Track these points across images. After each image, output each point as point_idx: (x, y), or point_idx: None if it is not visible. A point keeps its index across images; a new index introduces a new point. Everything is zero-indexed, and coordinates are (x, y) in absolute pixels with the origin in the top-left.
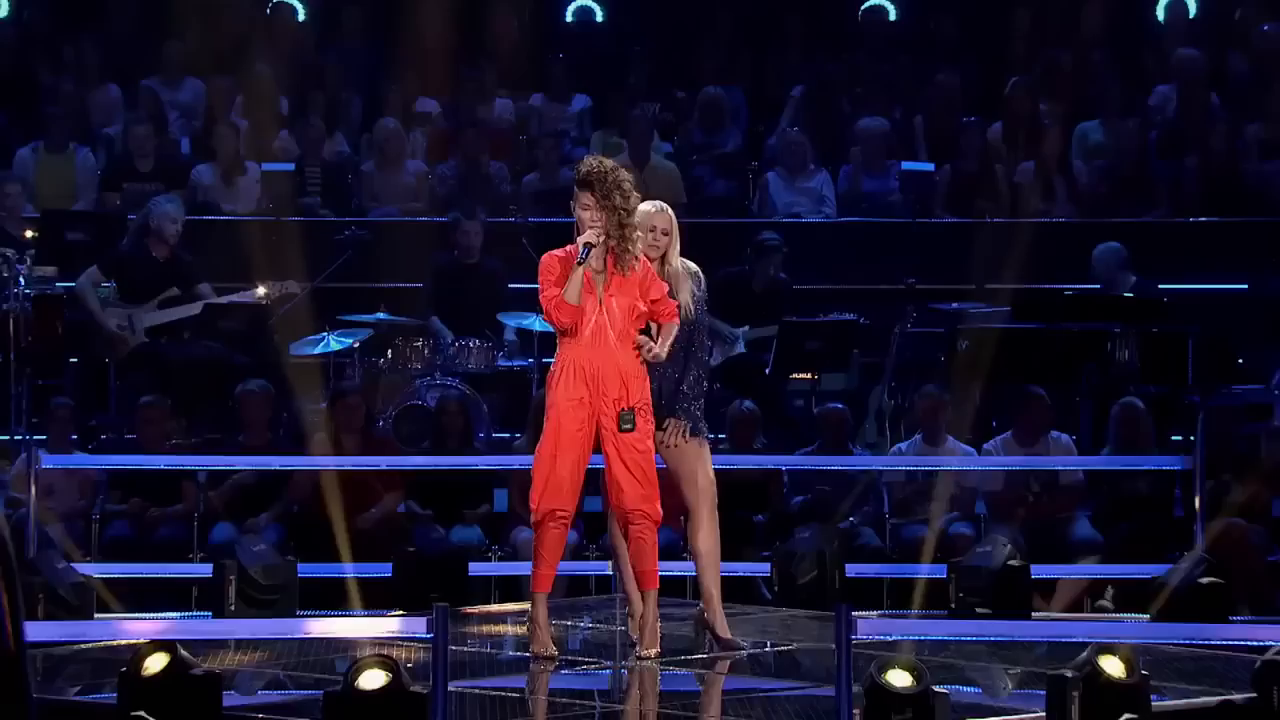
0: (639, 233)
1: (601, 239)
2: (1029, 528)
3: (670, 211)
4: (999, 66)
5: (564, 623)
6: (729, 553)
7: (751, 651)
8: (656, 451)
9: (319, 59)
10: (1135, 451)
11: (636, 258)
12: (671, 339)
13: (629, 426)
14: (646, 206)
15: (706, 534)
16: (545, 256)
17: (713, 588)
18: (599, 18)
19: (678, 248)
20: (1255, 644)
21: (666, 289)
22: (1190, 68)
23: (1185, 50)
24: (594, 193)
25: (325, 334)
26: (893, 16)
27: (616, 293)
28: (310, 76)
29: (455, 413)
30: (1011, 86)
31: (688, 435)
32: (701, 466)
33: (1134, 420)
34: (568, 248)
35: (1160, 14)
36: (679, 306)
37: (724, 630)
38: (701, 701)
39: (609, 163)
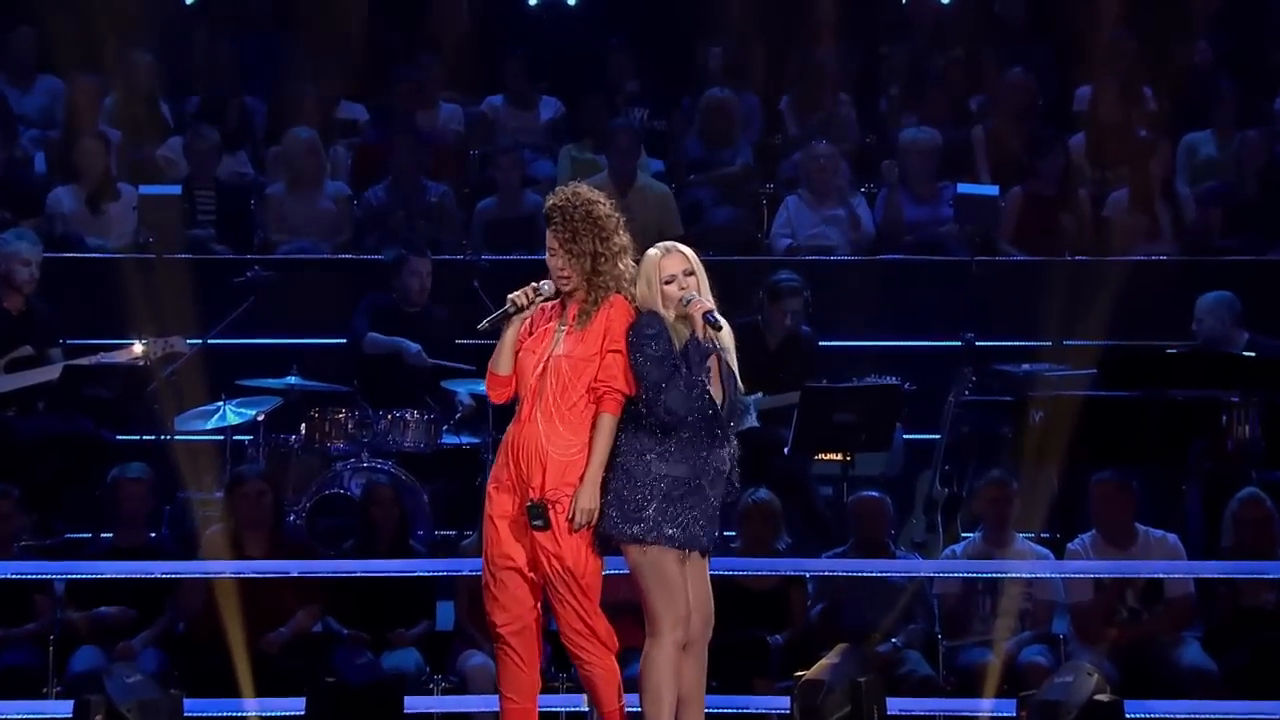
0: (626, 283)
1: (541, 297)
2: (1122, 653)
3: (683, 250)
4: (1082, 63)
5: None
6: (737, 683)
7: None
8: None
9: (212, 52)
10: (1259, 555)
11: (610, 304)
12: (603, 448)
13: (539, 524)
14: (652, 252)
15: (693, 666)
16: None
17: None
18: (571, 1)
19: (706, 287)
20: None
21: (622, 360)
22: None
23: None
24: (558, 232)
25: (221, 404)
26: None
27: (568, 350)
28: (201, 74)
29: (387, 504)
30: (1098, 88)
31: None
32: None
33: (1258, 514)
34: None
35: None
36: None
37: None
38: None
39: (585, 192)
